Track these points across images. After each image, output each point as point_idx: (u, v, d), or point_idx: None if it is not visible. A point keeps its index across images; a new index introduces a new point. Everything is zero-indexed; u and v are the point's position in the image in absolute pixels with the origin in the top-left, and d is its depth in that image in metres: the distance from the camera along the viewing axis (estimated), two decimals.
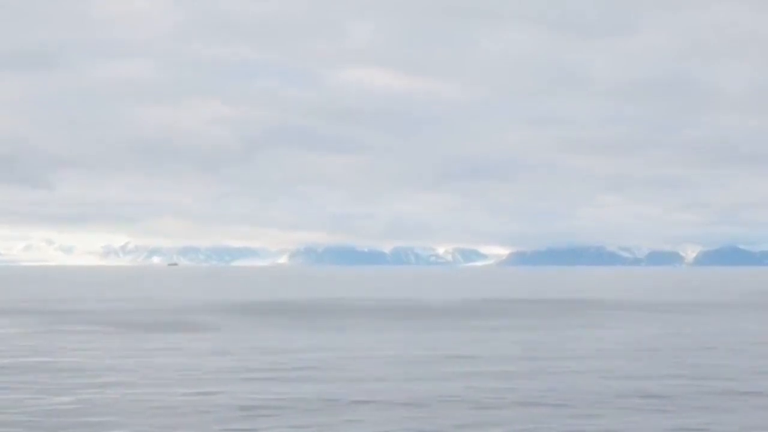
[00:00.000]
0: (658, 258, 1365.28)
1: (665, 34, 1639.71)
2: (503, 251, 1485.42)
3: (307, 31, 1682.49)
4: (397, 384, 33.10)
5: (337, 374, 35.84)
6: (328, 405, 28.46)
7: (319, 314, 75.54)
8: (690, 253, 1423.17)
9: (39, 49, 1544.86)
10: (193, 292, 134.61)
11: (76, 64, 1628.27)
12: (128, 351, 44.22)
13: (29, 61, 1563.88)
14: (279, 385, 32.84)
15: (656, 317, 73.27)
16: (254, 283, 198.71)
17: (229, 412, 27.23)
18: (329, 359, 41.05)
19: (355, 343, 49.49)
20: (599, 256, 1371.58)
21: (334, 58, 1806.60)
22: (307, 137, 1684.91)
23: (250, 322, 65.63)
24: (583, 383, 33.37)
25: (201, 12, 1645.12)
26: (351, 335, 54.62)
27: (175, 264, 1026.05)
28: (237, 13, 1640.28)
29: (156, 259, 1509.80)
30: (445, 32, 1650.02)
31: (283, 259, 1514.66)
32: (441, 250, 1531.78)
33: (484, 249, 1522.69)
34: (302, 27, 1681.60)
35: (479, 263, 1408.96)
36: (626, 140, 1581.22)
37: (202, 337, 52.21)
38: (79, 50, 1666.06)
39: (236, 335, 53.94)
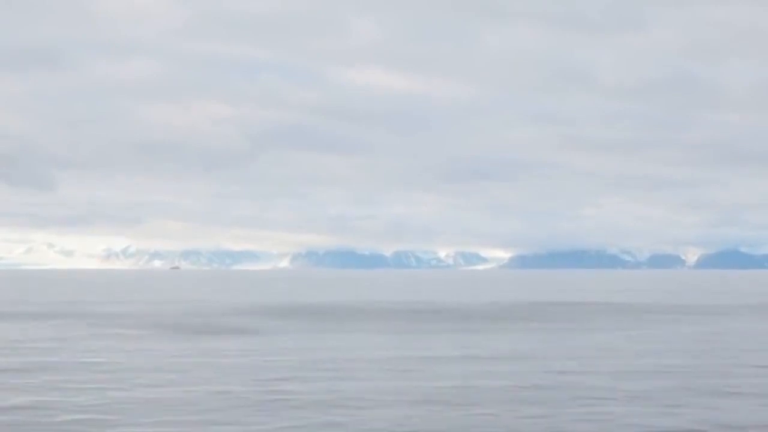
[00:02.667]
0: (660, 261, 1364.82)
1: (672, 31, 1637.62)
2: (504, 254, 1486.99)
3: (309, 30, 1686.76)
4: (512, 381, 34.45)
5: (421, 373, 36.96)
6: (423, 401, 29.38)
7: (356, 317, 76.26)
8: (691, 256, 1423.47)
9: (41, 47, 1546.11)
10: (213, 295, 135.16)
11: (79, 63, 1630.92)
12: (198, 352, 45.46)
13: (31, 60, 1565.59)
14: (383, 381, 34.27)
15: (695, 319, 74.28)
16: (271, 286, 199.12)
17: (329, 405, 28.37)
18: (399, 359, 42.17)
19: (418, 344, 50.51)
20: (600, 259, 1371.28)
21: (337, 57, 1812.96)
22: (309, 137, 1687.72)
23: (301, 324, 66.28)
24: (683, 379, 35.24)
25: (204, 10, 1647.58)
26: (407, 336, 55.59)
27: (177, 267, 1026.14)
28: (239, 11, 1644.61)
29: (157, 263, 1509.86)
30: (448, 29, 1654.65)
31: (284, 263, 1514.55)
32: (442, 254, 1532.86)
33: (485, 252, 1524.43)
34: (305, 25, 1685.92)
35: (480, 266, 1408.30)
36: (631, 139, 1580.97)
37: (259, 340, 53.18)
38: (82, 48, 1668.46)
39: (294, 336, 55.04)
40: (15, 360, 41.53)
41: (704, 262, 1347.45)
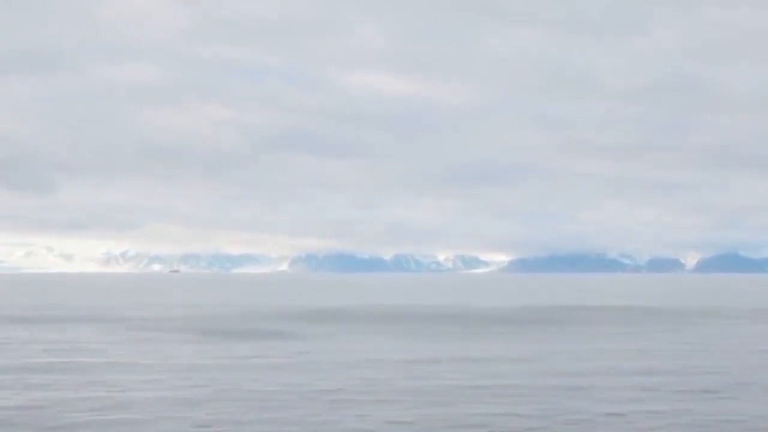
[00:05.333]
0: (659, 265, 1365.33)
1: (673, 33, 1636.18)
2: (504, 258, 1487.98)
3: (311, 33, 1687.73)
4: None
5: (493, 371, 37.56)
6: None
7: (385, 320, 76.85)
8: (690, 259, 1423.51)
9: (42, 49, 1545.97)
10: (225, 299, 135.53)
11: (79, 65, 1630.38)
12: (255, 353, 46.19)
13: (32, 62, 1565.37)
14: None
15: (718, 322, 74.94)
16: (278, 290, 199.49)
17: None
18: (460, 360, 42.83)
19: (466, 345, 51.28)
20: (600, 263, 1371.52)
21: (338, 60, 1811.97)
22: (310, 140, 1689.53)
23: (333, 328, 66.51)
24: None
25: (205, 13, 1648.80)
26: (451, 339, 56.28)
27: (177, 271, 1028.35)
28: (241, 14, 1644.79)
29: (156, 266, 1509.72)
30: (449, 32, 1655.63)
31: (283, 266, 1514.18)
32: (442, 258, 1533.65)
33: (485, 255, 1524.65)
34: (306, 28, 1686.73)
35: (480, 270, 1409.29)
36: (632, 142, 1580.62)
37: (306, 344, 53.56)
38: (83, 51, 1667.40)
39: (339, 338, 55.78)
40: (78, 360, 42.11)
41: (704, 266, 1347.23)
